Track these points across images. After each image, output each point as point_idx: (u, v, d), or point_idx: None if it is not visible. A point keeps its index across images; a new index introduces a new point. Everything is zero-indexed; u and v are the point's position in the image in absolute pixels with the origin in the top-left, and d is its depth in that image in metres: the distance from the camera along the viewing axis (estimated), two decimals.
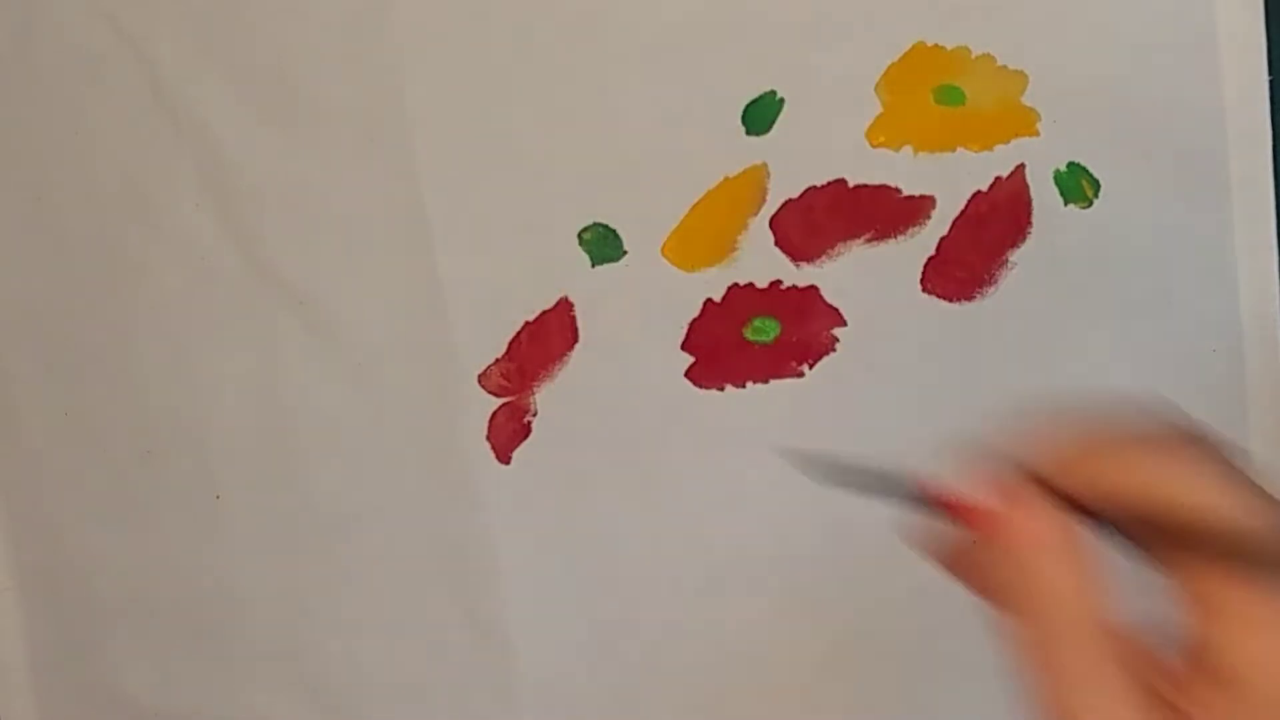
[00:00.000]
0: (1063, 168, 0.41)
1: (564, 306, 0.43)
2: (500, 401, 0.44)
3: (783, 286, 0.43)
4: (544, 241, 0.43)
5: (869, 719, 0.44)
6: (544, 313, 0.44)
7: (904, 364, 0.42)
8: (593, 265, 0.43)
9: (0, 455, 0.47)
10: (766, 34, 0.41)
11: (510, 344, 0.44)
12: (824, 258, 0.42)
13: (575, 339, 0.44)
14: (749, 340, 0.43)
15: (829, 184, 0.42)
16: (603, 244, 0.43)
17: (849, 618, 0.44)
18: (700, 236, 0.43)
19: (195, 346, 0.45)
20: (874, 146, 0.42)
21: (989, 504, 0.25)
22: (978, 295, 0.42)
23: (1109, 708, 0.25)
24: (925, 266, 0.42)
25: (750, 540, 0.44)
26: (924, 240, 0.42)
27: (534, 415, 0.44)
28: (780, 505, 0.43)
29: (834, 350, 0.43)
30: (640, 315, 0.43)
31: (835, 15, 0.41)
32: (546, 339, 0.44)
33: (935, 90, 0.41)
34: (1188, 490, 0.24)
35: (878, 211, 0.42)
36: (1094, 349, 0.42)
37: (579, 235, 0.43)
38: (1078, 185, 0.41)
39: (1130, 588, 0.25)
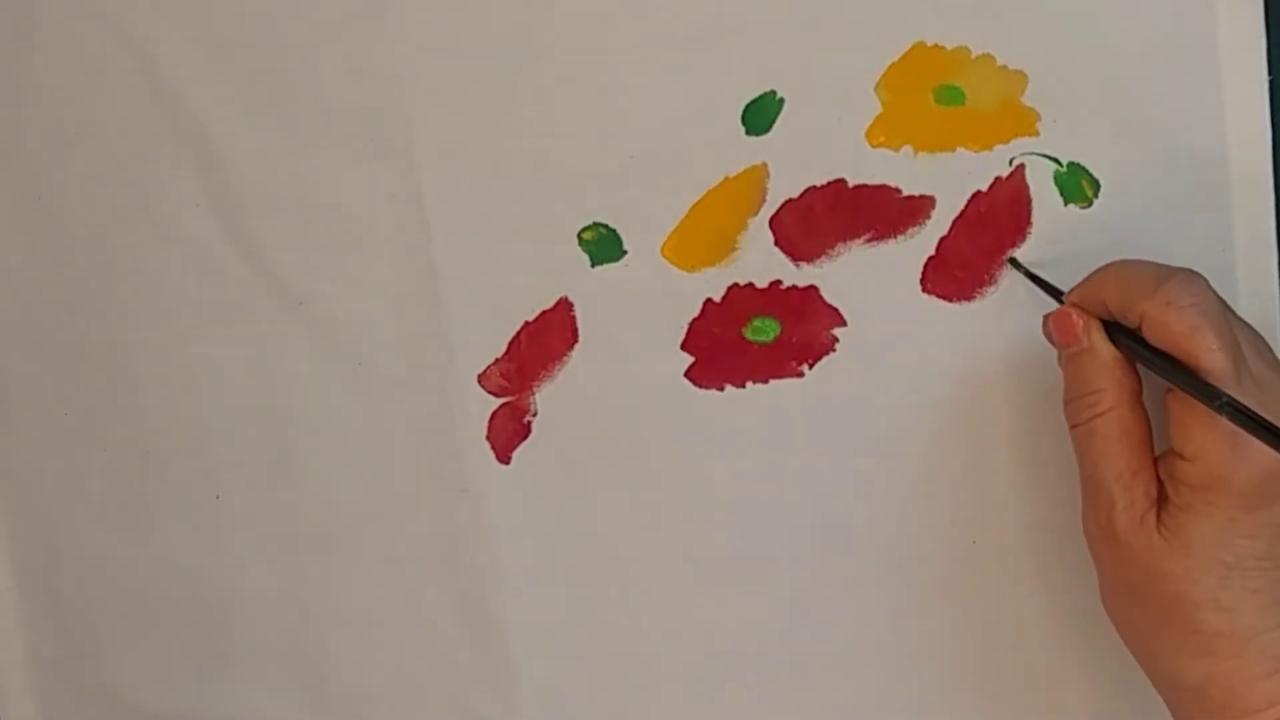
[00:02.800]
0: (1063, 168, 0.41)
1: (564, 306, 0.43)
2: (500, 401, 0.44)
3: (783, 286, 0.43)
4: (544, 241, 0.43)
5: (868, 719, 0.44)
6: (544, 313, 0.44)
7: (904, 364, 0.42)
8: (593, 265, 0.43)
9: (0, 455, 0.47)
10: (766, 34, 0.41)
11: (510, 344, 0.44)
12: (824, 258, 0.42)
13: (575, 339, 0.44)
14: (749, 340, 0.43)
15: (829, 184, 0.42)
16: (603, 244, 0.43)
17: (848, 618, 0.44)
18: (700, 236, 0.43)
19: (195, 346, 0.45)
20: (874, 146, 0.42)
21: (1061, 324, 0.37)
22: (978, 295, 0.42)
23: (1115, 470, 0.36)
24: (925, 266, 0.42)
25: (749, 540, 0.44)
26: (924, 240, 0.42)
27: (534, 415, 0.44)
28: (779, 505, 0.43)
29: (834, 350, 0.43)
30: (640, 315, 0.43)
31: (835, 15, 0.41)
32: (546, 339, 0.44)
33: (935, 90, 0.41)
34: (1182, 329, 0.34)
35: (877, 211, 0.42)
36: None
37: (579, 235, 0.43)
38: (1078, 185, 0.41)
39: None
